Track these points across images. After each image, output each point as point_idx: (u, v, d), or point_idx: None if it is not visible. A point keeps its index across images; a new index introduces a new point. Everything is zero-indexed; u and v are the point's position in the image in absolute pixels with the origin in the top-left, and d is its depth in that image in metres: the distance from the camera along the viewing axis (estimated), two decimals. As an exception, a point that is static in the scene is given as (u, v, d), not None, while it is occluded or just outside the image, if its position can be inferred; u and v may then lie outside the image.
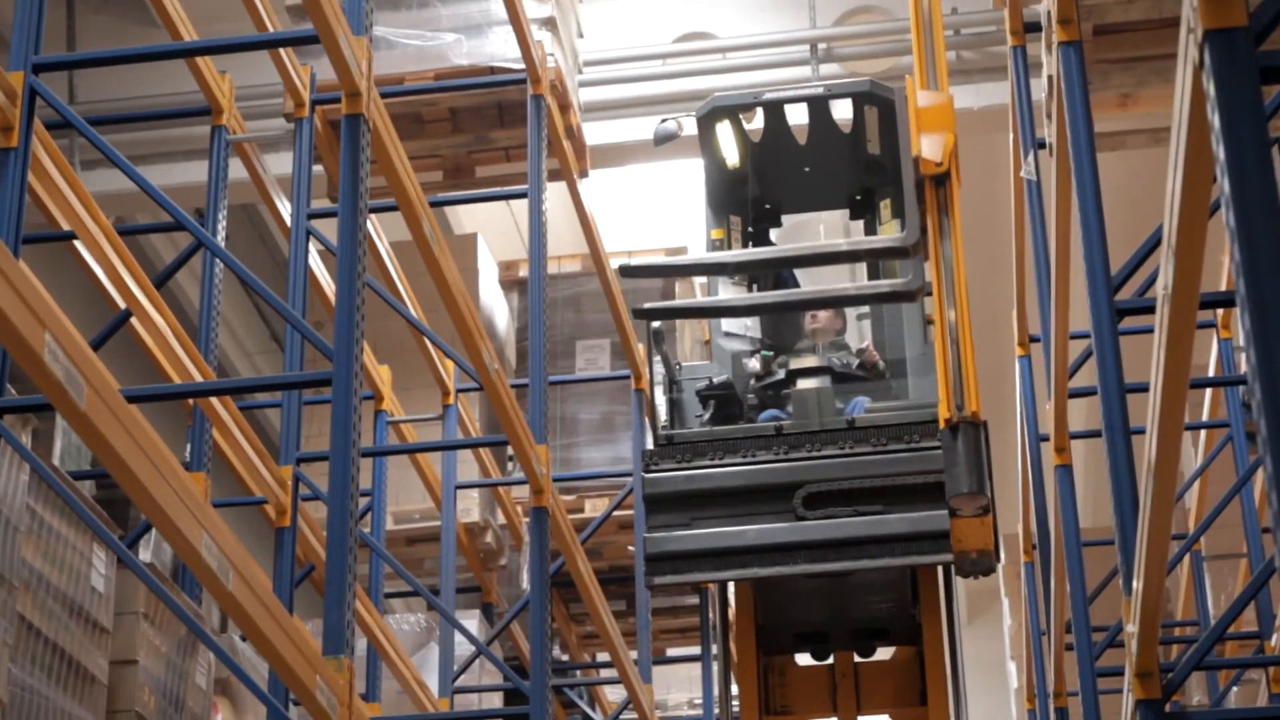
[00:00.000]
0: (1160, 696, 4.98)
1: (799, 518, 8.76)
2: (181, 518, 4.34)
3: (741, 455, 8.98)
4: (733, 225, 10.28)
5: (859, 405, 9.45)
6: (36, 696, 5.36)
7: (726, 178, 10.29)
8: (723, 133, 10.13)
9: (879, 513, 8.70)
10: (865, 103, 10.02)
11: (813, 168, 10.45)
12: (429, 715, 9.45)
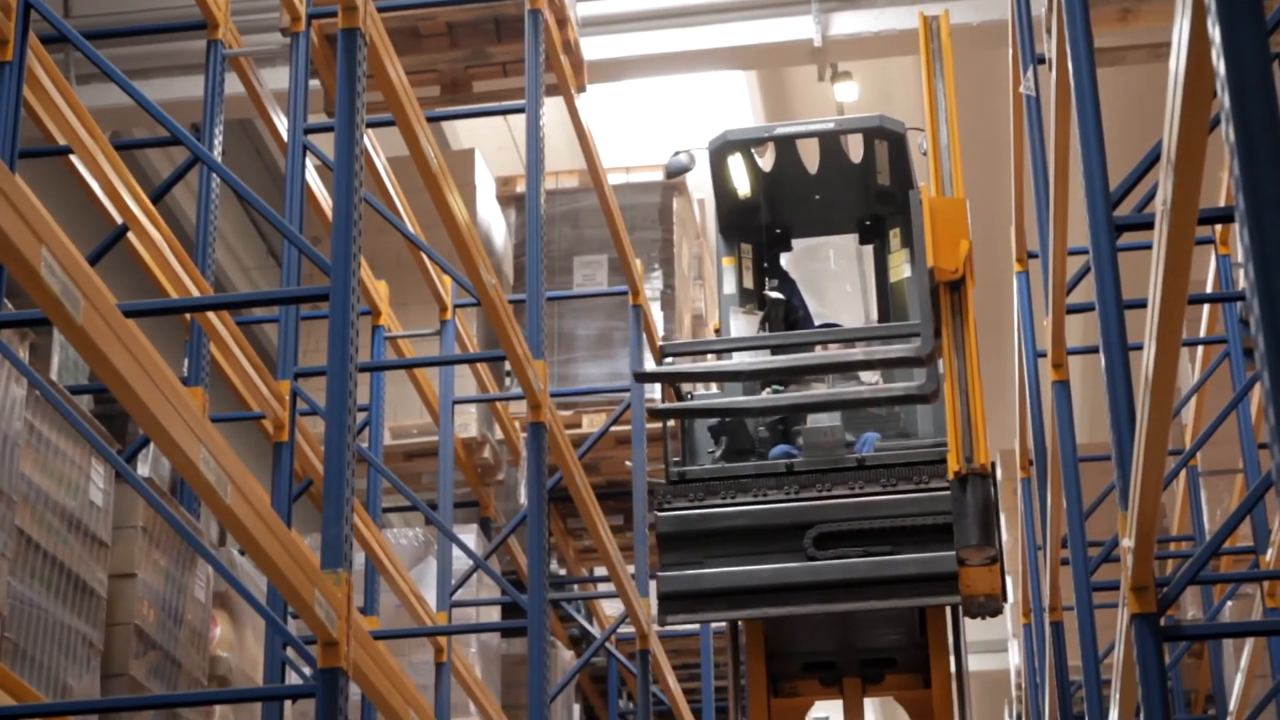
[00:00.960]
0: (1155, 611, 5.00)
1: (810, 557, 8.91)
2: (179, 432, 4.34)
3: (753, 494, 9.13)
4: (744, 253, 10.49)
5: (869, 442, 9.59)
6: (36, 610, 5.38)
7: (738, 207, 10.49)
8: (734, 165, 10.30)
9: (889, 553, 8.87)
10: (875, 137, 10.19)
11: (823, 196, 10.61)
12: (427, 629, 9.49)
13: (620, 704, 14.50)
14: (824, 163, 10.43)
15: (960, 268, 8.65)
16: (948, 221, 8.66)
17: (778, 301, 10.38)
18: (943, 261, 8.59)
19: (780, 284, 10.73)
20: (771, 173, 10.47)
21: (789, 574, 8.90)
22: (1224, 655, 11.34)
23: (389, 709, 5.67)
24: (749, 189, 10.45)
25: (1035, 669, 14.15)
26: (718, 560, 9.02)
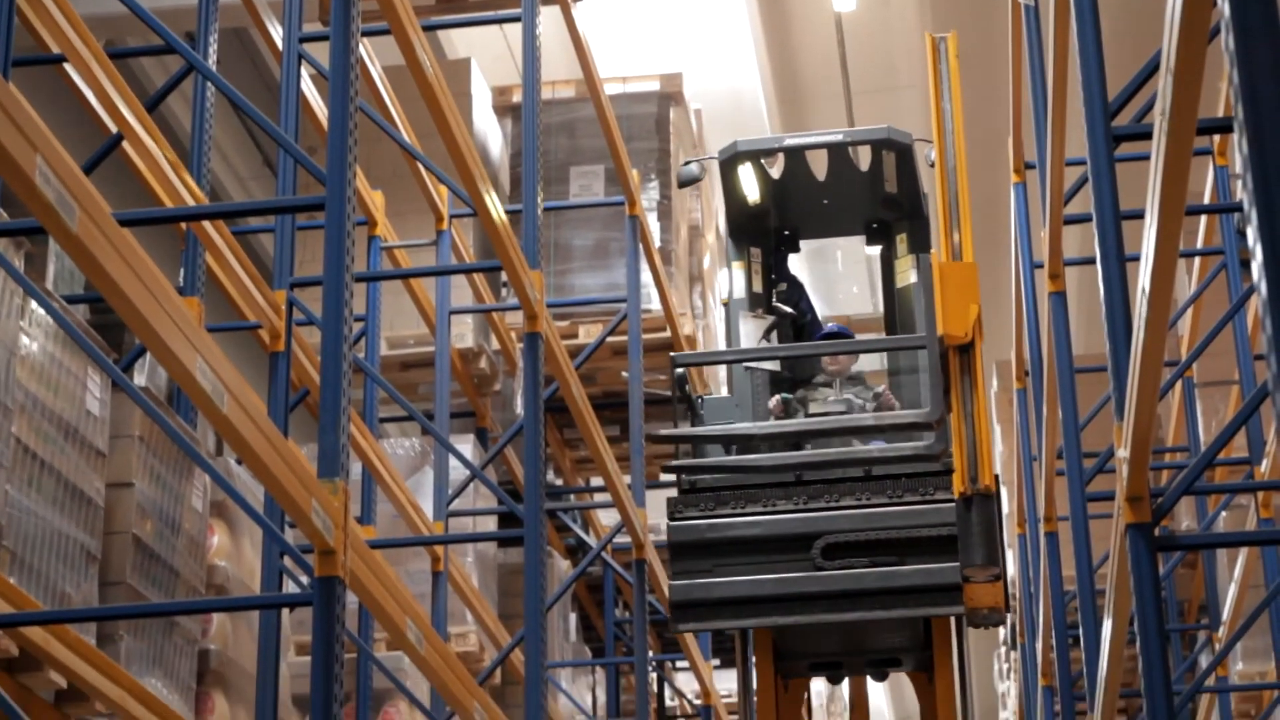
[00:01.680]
0: (1150, 520, 5.02)
1: (817, 567, 9.16)
2: (176, 341, 4.34)
3: (762, 505, 9.36)
4: (753, 256, 10.74)
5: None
6: (34, 518, 5.40)
7: (747, 212, 10.71)
8: (744, 173, 10.49)
9: (894, 564, 9.11)
10: (883, 148, 10.40)
11: (831, 201, 10.82)
12: (424, 538, 9.52)
13: (616, 613, 14.56)
14: (832, 170, 10.60)
15: (970, 333, 9.02)
16: (958, 287, 9.02)
17: (785, 314, 10.70)
18: (953, 329, 8.95)
19: (789, 288, 10.98)
20: (780, 179, 10.65)
21: (797, 583, 9.14)
22: (1218, 565, 11.40)
23: (386, 617, 5.69)
24: (758, 195, 10.66)
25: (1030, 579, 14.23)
26: (728, 569, 9.25)
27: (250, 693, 6.82)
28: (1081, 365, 8.87)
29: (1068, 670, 10.25)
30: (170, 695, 6.14)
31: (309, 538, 5.07)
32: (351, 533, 5.21)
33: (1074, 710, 10.52)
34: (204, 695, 6.60)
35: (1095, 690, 6.87)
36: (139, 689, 5.79)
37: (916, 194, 10.64)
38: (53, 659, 5.32)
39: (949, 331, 8.97)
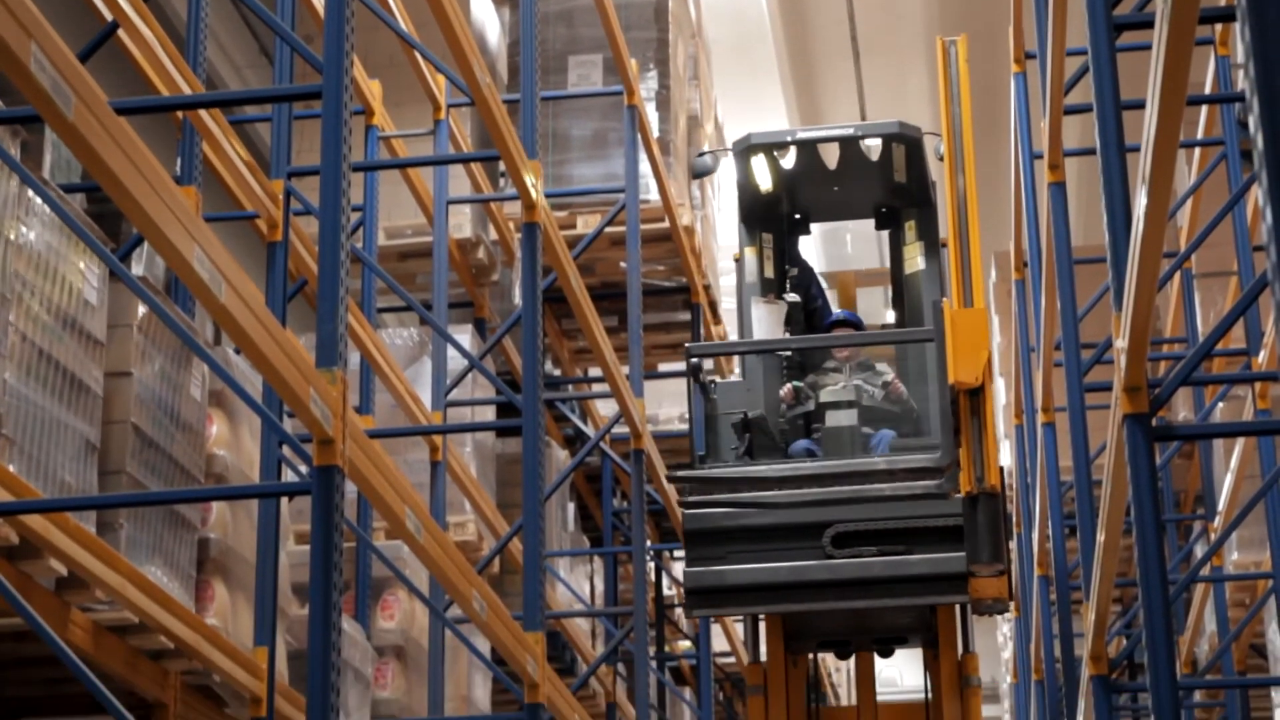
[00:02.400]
0: (1147, 411, 5.02)
1: (828, 555, 9.45)
2: (173, 230, 4.33)
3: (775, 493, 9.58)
4: (764, 243, 11.09)
5: (884, 441, 10.20)
6: (33, 407, 5.40)
7: (759, 200, 11.03)
8: (757, 164, 10.82)
9: (902, 553, 9.41)
10: (893, 141, 10.69)
11: (841, 187, 11.13)
12: (422, 427, 9.55)
13: (614, 503, 14.62)
14: (843, 159, 10.84)
15: (980, 378, 9.20)
16: (968, 333, 9.22)
17: (796, 304, 10.97)
18: (963, 376, 9.15)
19: (799, 273, 11.26)
20: (792, 169, 10.86)
21: (808, 571, 9.43)
22: (1214, 456, 11.43)
23: (385, 506, 5.71)
24: (770, 184, 10.93)
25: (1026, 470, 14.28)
26: (741, 556, 9.52)
27: (250, 581, 6.85)
28: (1080, 256, 8.87)
29: (1064, 560, 10.31)
30: (170, 583, 6.17)
31: (307, 427, 5.08)
32: (350, 422, 5.22)
33: (1070, 599, 10.58)
34: (204, 583, 6.63)
35: (1091, 580, 6.91)
36: (139, 577, 5.82)
37: (925, 183, 10.91)
38: (53, 547, 5.34)
39: (960, 379, 9.17)
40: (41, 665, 6.23)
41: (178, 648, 6.12)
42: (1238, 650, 11.07)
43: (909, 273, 11.14)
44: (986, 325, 9.35)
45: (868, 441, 10.20)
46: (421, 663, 8.94)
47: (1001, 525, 9.32)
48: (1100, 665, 7.20)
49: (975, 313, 9.35)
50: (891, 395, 10.51)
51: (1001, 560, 9.24)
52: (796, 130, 11.06)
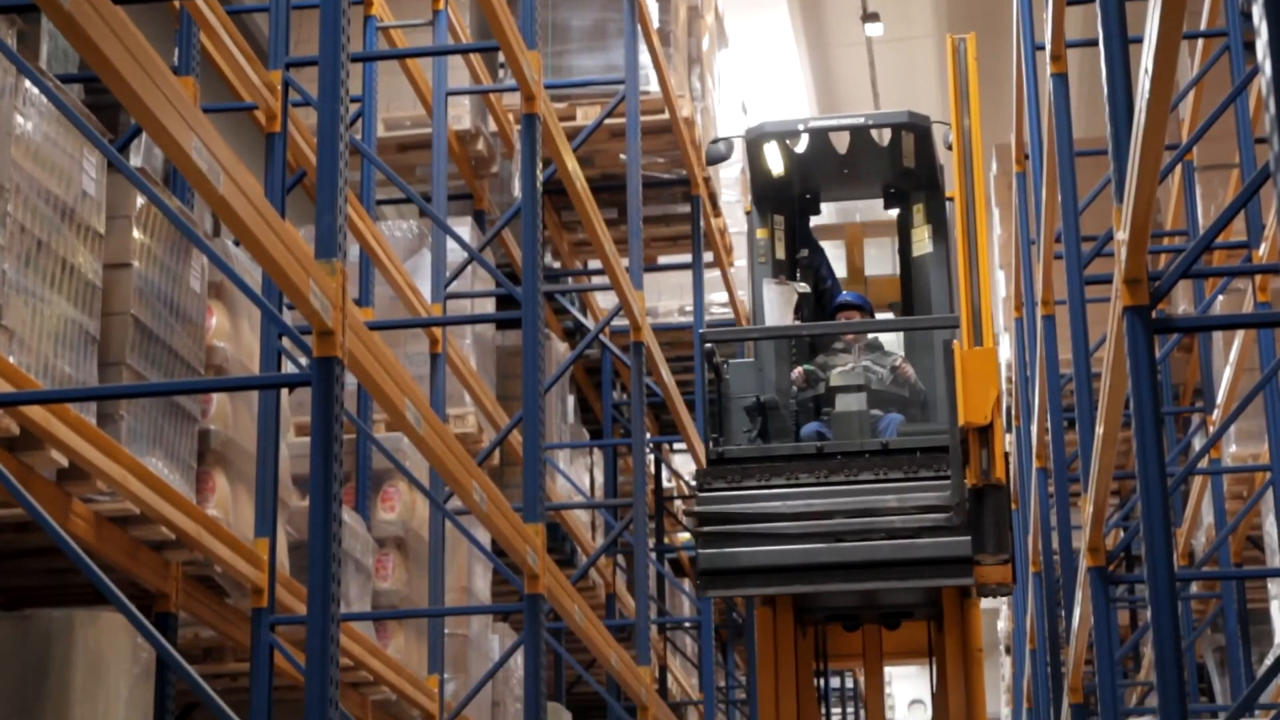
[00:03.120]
0: (1147, 303, 5.02)
1: (837, 540, 9.79)
2: (171, 120, 4.31)
3: (786, 477, 9.99)
4: (776, 224, 11.47)
5: (893, 425, 10.49)
6: (32, 298, 5.40)
7: (771, 184, 11.40)
8: (769, 150, 11.18)
9: (909, 537, 9.73)
10: (902, 129, 11.06)
11: (851, 171, 11.47)
12: (422, 319, 9.54)
13: (614, 396, 14.65)
14: (853, 144, 11.16)
15: (989, 417, 9.58)
16: (978, 374, 9.57)
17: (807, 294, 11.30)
18: (974, 418, 9.50)
19: (810, 253, 11.63)
20: (804, 154, 11.21)
21: (818, 554, 9.77)
22: (1213, 349, 11.44)
23: (384, 398, 5.72)
24: (782, 169, 11.26)
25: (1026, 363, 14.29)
26: (753, 539, 9.85)
27: (250, 472, 6.87)
28: (1081, 148, 8.84)
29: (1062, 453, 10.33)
30: (171, 474, 6.19)
31: (307, 318, 5.08)
32: (349, 314, 5.22)
33: (1067, 492, 10.62)
34: (204, 475, 6.66)
35: (1089, 472, 6.93)
36: (140, 468, 5.84)
37: (933, 168, 11.20)
38: (54, 438, 5.36)
39: (970, 420, 9.47)
40: (43, 556, 6.26)
41: (179, 538, 6.15)
42: (1235, 542, 11.12)
43: (917, 255, 11.43)
44: (995, 364, 9.71)
45: (876, 424, 10.45)
46: (422, 554, 8.98)
47: (1007, 516, 9.71)
48: (1098, 557, 7.23)
49: (984, 353, 9.64)
50: (899, 378, 10.77)
51: (1006, 550, 9.62)
52: (808, 119, 11.32)
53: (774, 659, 10.73)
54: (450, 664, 9.22)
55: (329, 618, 4.87)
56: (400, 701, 8.40)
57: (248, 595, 6.72)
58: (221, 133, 4.70)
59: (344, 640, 7.26)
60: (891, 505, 9.82)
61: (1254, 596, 11.58)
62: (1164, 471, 4.99)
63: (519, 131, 8.19)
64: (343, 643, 6.78)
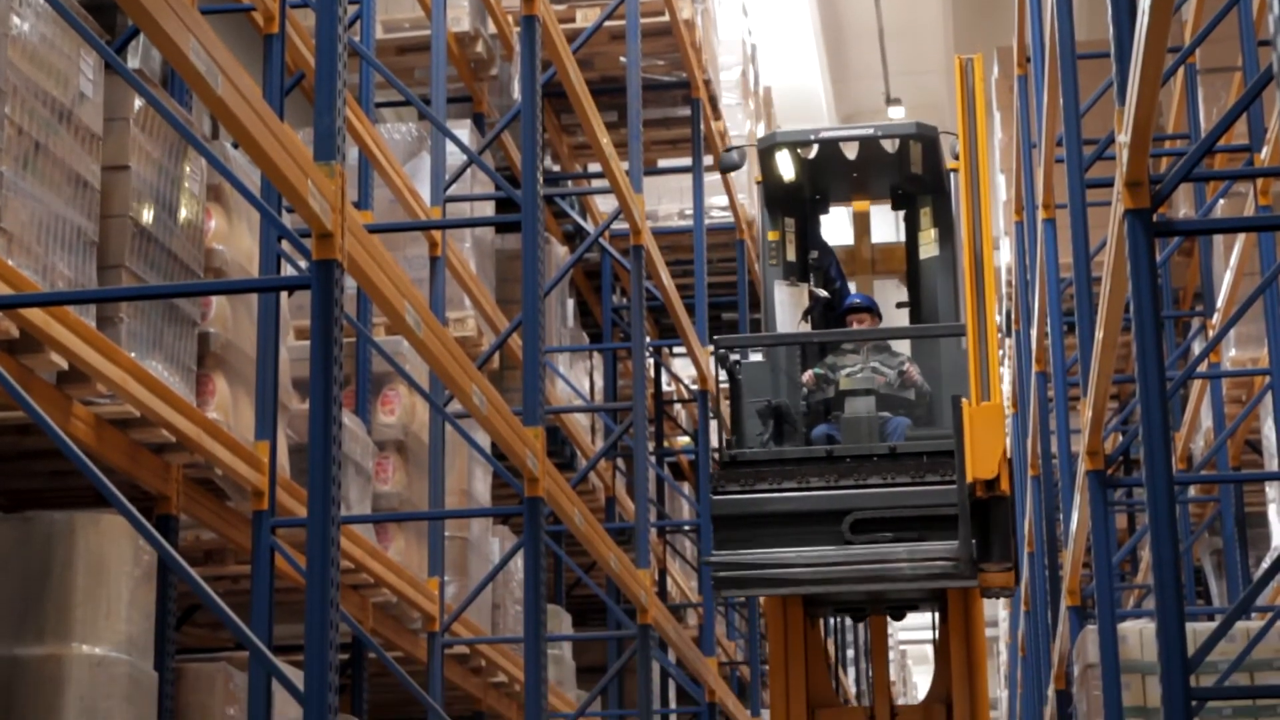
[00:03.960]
0: (1148, 206, 5.01)
1: (846, 541, 10.10)
2: (168, 21, 4.28)
3: (797, 481, 10.31)
4: (787, 226, 11.84)
5: (900, 429, 10.78)
6: (30, 201, 5.39)
7: (783, 188, 11.69)
8: (781, 158, 11.46)
9: (916, 539, 10.04)
10: (911, 139, 11.36)
11: (860, 174, 11.80)
12: (421, 223, 9.52)
13: (613, 299, 14.64)
14: (862, 151, 11.45)
15: (996, 471, 9.87)
16: (985, 430, 9.89)
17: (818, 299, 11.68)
18: (981, 473, 9.84)
19: (820, 254, 11.96)
20: (814, 160, 11.54)
21: (828, 556, 10.08)
22: (1213, 253, 11.42)
23: (384, 301, 5.71)
24: (794, 175, 11.57)
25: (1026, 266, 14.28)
26: (765, 540, 10.16)
27: (250, 376, 6.88)
28: (1083, 51, 8.79)
29: (1061, 357, 10.34)
30: (171, 377, 6.19)
31: (306, 221, 5.06)
32: (349, 216, 5.20)
33: (1067, 396, 10.63)
34: (204, 378, 6.66)
35: (1088, 376, 6.94)
36: (140, 371, 5.84)
37: (940, 174, 11.55)
38: (53, 340, 5.36)
39: (978, 475, 9.82)
40: (44, 458, 6.28)
41: (179, 441, 6.16)
42: (1233, 446, 11.14)
43: (924, 258, 11.80)
44: (1002, 419, 10.04)
45: (884, 426, 10.77)
46: (422, 457, 9.00)
47: (1012, 526, 10.07)
48: (1096, 461, 7.25)
49: (991, 409, 9.96)
50: (906, 382, 11.06)
51: (1010, 559, 9.96)
52: (820, 130, 11.72)
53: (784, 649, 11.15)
54: (450, 567, 9.26)
55: (329, 520, 4.89)
56: (400, 604, 8.44)
57: (248, 498, 6.74)
58: (219, 34, 4.67)
59: (344, 543, 7.30)
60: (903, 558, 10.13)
61: (1251, 500, 11.60)
62: (1163, 375, 4.99)
63: (518, 34, 8.15)
64: (343, 545, 6.81)
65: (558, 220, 13.67)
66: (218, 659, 6.76)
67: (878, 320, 11.61)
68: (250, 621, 6.43)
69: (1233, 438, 10.92)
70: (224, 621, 4.80)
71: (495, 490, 10.73)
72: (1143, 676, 7.73)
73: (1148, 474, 5.00)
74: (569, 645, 12.15)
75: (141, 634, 5.65)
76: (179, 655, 6.53)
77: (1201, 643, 4.92)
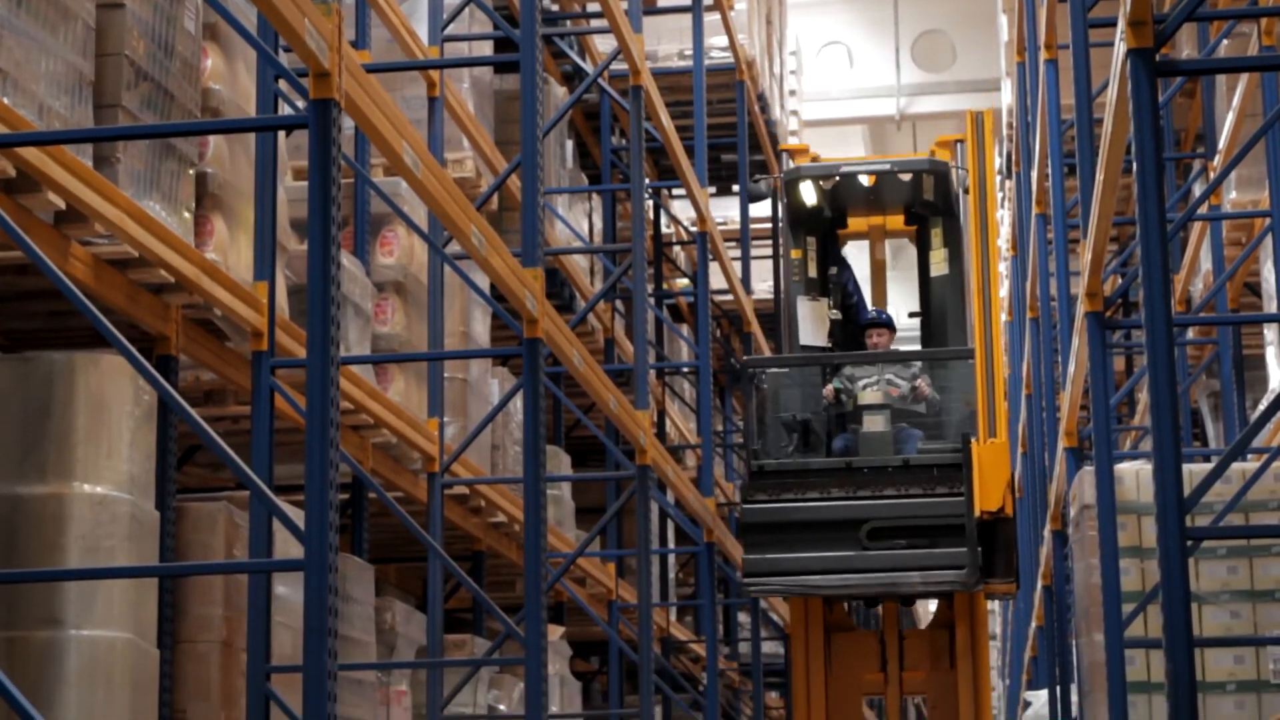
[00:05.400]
0: (1151, 45, 4.97)
1: (864, 547, 11.24)
2: None
3: (819, 491, 11.43)
4: (808, 245, 12.89)
5: (913, 440, 11.86)
6: (24, 38, 5.34)
7: (805, 212, 12.75)
8: (804, 188, 12.55)
9: (927, 546, 11.18)
10: (924, 173, 12.51)
11: (876, 198, 12.91)
12: (419, 62, 9.46)
13: (613, 141, 14.57)
14: (879, 179, 12.63)
15: (1000, 502, 11.05)
16: (991, 466, 11.11)
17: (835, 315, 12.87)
18: (988, 505, 11.02)
19: (838, 270, 13.07)
20: (833, 188, 12.68)
21: (847, 561, 11.24)
22: (1216, 94, 11.36)
23: (382, 141, 5.69)
24: (815, 201, 12.64)
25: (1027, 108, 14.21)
26: (791, 545, 11.30)
27: (249, 216, 6.86)
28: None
29: (1061, 199, 10.33)
30: (169, 218, 6.18)
31: (303, 60, 5.02)
32: (346, 56, 5.16)
33: (1066, 238, 10.62)
34: (202, 219, 6.65)
35: (1089, 217, 6.92)
36: (137, 211, 5.82)
37: (950, 200, 12.55)
38: (50, 180, 5.34)
39: (985, 507, 10.99)
40: (43, 299, 6.28)
41: (178, 282, 6.16)
42: (1232, 289, 11.14)
43: (935, 275, 12.91)
44: (1006, 455, 11.23)
45: (898, 437, 11.82)
46: (421, 298, 9.00)
47: (1014, 545, 11.34)
48: (1095, 302, 7.25)
49: (997, 447, 11.20)
50: (918, 396, 12.05)
51: (1012, 575, 11.22)
52: (839, 165, 12.78)
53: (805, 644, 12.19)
54: (450, 408, 9.29)
55: (328, 361, 4.89)
56: (400, 444, 8.48)
57: (247, 339, 6.75)
58: None
59: (344, 384, 7.32)
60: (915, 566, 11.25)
61: (1249, 342, 11.62)
62: (1164, 217, 4.98)
63: None
64: (343, 386, 6.83)
65: (556, 61, 13.57)
66: (219, 499, 6.80)
67: (893, 333, 12.71)
68: (251, 462, 6.47)
69: (1232, 280, 10.91)
70: (225, 461, 4.82)
71: (494, 332, 10.74)
72: (1139, 517, 7.79)
73: (1147, 316, 5.00)
74: (568, 486, 12.22)
75: (143, 474, 5.68)
76: (180, 495, 6.57)
77: (1197, 484, 4.95)
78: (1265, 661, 7.65)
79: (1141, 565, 7.74)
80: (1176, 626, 4.78)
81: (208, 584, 6.55)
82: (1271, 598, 7.71)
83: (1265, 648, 7.59)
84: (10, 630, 5.27)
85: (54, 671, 5.24)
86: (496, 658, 8.91)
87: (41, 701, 5.14)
